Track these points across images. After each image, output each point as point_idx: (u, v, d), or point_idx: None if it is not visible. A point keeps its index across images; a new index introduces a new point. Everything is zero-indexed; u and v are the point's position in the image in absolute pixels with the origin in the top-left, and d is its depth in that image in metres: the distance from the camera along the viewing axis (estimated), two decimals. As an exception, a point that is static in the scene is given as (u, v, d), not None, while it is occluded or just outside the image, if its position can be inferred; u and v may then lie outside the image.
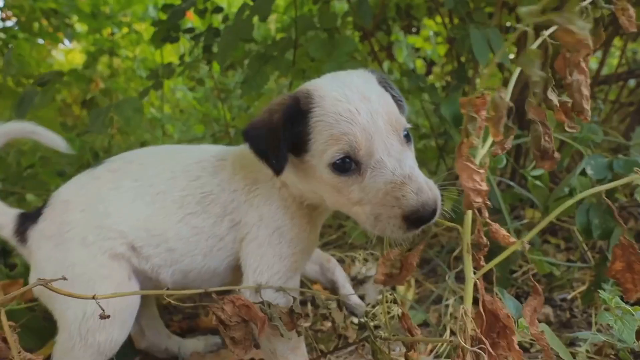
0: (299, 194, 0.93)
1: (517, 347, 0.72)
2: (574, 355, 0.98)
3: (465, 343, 0.70)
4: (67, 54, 3.79)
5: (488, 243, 0.77)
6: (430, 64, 3.06)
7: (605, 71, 2.33)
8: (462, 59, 2.06)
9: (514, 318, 0.88)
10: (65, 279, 0.72)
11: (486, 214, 0.74)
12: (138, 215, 0.93)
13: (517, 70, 0.78)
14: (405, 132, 0.84)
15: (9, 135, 1.00)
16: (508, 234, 0.75)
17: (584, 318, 1.25)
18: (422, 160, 2.29)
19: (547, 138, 0.93)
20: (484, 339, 0.71)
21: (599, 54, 2.41)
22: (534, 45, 0.77)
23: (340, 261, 1.72)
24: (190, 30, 1.84)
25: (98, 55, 3.01)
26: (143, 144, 2.51)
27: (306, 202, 0.93)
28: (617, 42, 2.34)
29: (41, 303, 0.95)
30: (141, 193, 0.94)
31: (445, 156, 2.17)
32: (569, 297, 1.35)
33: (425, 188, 0.77)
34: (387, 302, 1.06)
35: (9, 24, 2.71)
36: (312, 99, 0.83)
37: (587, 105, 0.76)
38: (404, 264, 0.85)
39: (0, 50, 2.56)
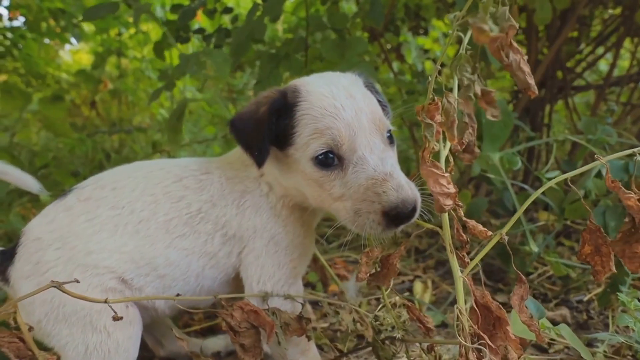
0: (282, 193, 0.92)
1: (512, 336, 0.72)
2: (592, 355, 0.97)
3: (465, 341, 0.71)
4: (74, 54, 3.80)
5: (468, 240, 0.78)
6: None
7: (616, 73, 2.31)
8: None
9: (535, 318, 0.89)
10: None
11: (461, 213, 0.76)
12: (123, 248, 0.88)
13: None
14: (389, 134, 0.85)
15: None
16: (485, 229, 0.77)
17: (601, 320, 1.24)
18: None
19: (470, 131, 1.01)
20: (482, 334, 0.72)
21: (609, 55, 2.40)
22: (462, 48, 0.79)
23: (356, 262, 1.72)
24: (201, 30, 1.84)
25: (106, 55, 3.02)
26: (155, 145, 2.51)
27: (292, 201, 0.92)
28: (627, 44, 2.32)
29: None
30: (122, 222, 0.89)
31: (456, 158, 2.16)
32: (585, 299, 1.34)
33: (406, 186, 0.78)
34: (398, 305, 1.06)
35: (15, 23, 2.72)
36: (299, 93, 0.84)
37: (531, 80, 0.77)
38: (386, 264, 0.86)
39: (9, 50, 2.57)
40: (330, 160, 0.80)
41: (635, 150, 0.73)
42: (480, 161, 1.44)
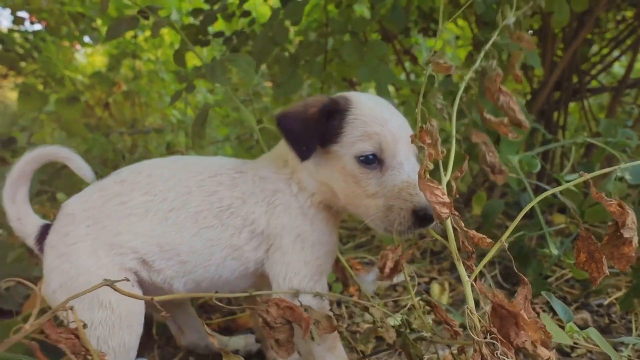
0: (312, 190, 0.98)
1: (528, 320, 0.74)
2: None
3: (478, 337, 0.74)
4: (89, 56, 3.86)
5: (474, 250, 0.83)
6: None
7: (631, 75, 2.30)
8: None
9: (563, 321, 0.89)
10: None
11: (461, 223, 0.83)
12: (150, 232, 0.93)
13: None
14: (416, 153, 0.94)
15: (46, 158, 1.02)
16: (484, 237, 0.82)
17: (623, 324, 1.24)
18: (444, 164, 2.28)
19: (490, 154, 1.22)
20: (491, 328, 0.75)
21: (623, 58, 2.39)
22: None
23: (371, 264, 1.73)
24: (220, 34, 1.86)
25: (121, 58, 3.07)
26: (169, 145, 2.54)
27: (320, 199, 0.98)
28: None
29: None
30: (153, 208, 0.94)
31: (470, 162, 2.16)
32: (606, 302, 1.34)
33: None
34: (420, 306, 1.06)
35: (31, 26, 2.77)
36: (350, 101, 0.95)
37: (521, 117, 0.96)
38: (397, 263, 0.92)
39: (29, 53, 2.62)
40: (371, 161, 0.91)
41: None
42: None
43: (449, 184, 0.88)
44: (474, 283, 0.79)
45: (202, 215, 0.95)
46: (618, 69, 2.77)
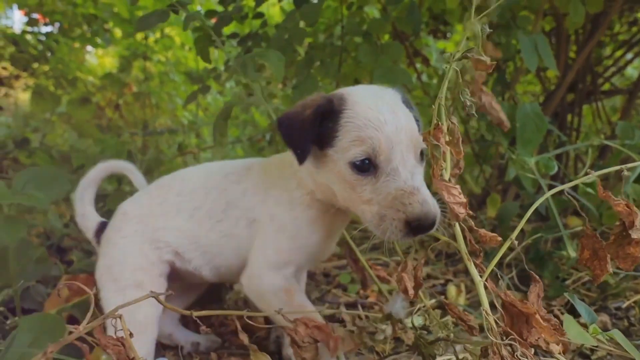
0: (312, 188, 0.99)
1: (543, 324, 0.75)
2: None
3: (495, 339, 0.75)
4: (100, 58, 3.89)
5: (482, 250, 0.84)
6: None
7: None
8: (499, 65, 2.05)
9: (587, 323, 0.89)
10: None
11: (471, 223, 0.82)
12: (181, 228, 1.08)
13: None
14: (420, 151, 0.91)
15: (114, 170, 1.25)
16: (495, 235, 0.82)
17: (643, 327, 1.23)
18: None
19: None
20: (510, 330, 0.75)
21: (637, 60, 2.38)
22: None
23: (385, 265, 1.73)
24: (234, 35, 1.87)
25: (132, 59, 3.09)
26: (180, 147, 2.56)
27: (318, 197, 1.00)
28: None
29: None
30: (183, 208, 1.09)
31: (483, 164, 2.16)
32: (624, 305, 1.33)
33: (430, 202, 0.84)
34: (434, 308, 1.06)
35: (43, 28, 2.80)
36: (345, 101, 0.90)
37: (503, 116, 0.94)
38: (416, 278, 0.91)
39: (42, 54, 2.64)
40: (366, 166, 0.86)
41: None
42: (516, 165, 1.45)
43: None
44: (486, 283, 0.78)
45: (214, 211, 1.06)
46: (631, 71, 2.75)
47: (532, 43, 1.51)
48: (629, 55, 2.22)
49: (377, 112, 0.87)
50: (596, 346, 1.08)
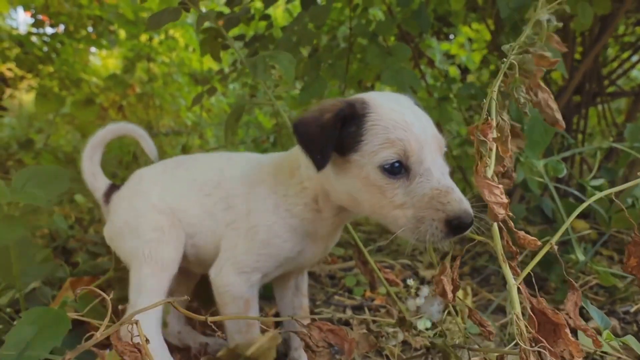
0: (320, 195, 0.98)
1: (571, 338, 0.73)
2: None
3: (525, 345, 0.72)
4: (104, 59, 3.89)
5: (518, 250, 0.81)
6: (464, 71, 3.05)
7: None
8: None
9: (600, 328, 0.88)
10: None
11: (511, 224, 0.79)
12: (178, 194, 1.13)
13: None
14: (443, 153, 0.90)
15: (122, 132, 1.28)
16: (535, 239, 0.79)
17: (652, 332, 1.22)
18: (461, 168, 2.28)
19: (509, 159, 1.11)
20: (540, 338, 0.72)
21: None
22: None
23: (390, 267, 1.72)
24: (241, 37, 1.87)
25: (136, 60, 3.09)
26: (184, 148, 2.55)
27: (324, 204, 0.99)
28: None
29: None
30: (185, 179, 1.15)
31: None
32: (632, 309, 1.32)
33: (465, 200, 0.82)
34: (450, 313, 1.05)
35: (49, 29, 2.80)
36: (368, 105, 0.88)
37: (559, 116, 0.87)
38: (454, 281, 0.88)
39: (48, 55, 2.64)
40: (397, 169, 0.84)
41: None
42: (524, 168, 1.44)
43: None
44: (520, 287, 0.76)
45: (207, 185, 1.11)
46: (636, 73, 2.75)
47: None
48: (635, 58, 2.21)
49: (402, 114, 0.86)
50: (605, 352, 1.07)
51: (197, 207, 1.10)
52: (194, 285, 1.35)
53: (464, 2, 1.84)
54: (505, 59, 0.88)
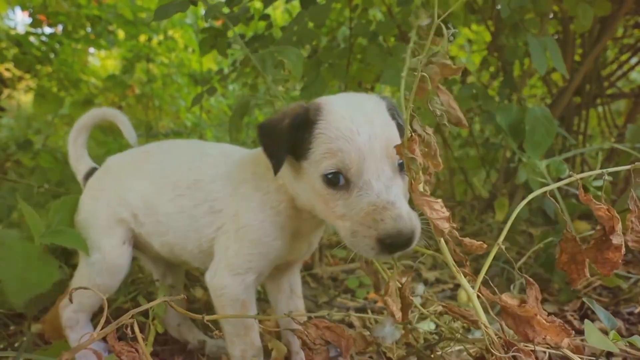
0: (293, 196, 0.97)
1: (546, 324, 0.75)
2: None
3: (499, 353, 0.74)
4: (102, 60, 3.88)
5: (467, 258, 0.82)
6: (464, 72, 3.04)
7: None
8: (506, 67, 2.04)
9: (607, 329, 0.87)
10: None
11: (456, 233, 0.79)
12: (142, 191, 1.10)
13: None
14: (401, 161, 0.85)
15: (103, 117, 1.28)
16: (481, 243, 0.80)
17: (656, 333, 1.21)
18: (462, 169, 2.27)
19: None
20: (513, 342, 0.75)
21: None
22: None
23: (391, 269, 1.71)
24: (241, 37, 1.86)
25: (135, 61, 3.08)
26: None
27: (297, 206, 0.97)
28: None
29: None
30: (152, 175, 1.11)
31: (489, 167, 2.15)
32: (637, 310, 1.31)
33: (405, 217, 0.79)
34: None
35: (48, 29, 2.79)
36: (320, 112, 0.86)
37: (460, 115, 0.87)
38: (402, 298, 0.90)
39: (46, 56, 2.63)
40: (337, 180, 0.83)
41: None
42: (527, 169, 1.43)
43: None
44: (480, 292, 0.77)
45: (179, 185, 1.07)
46: (635, 75, 2.75)
47: (541, 46, 1.51)
48: (634, 60, 2.21)
49: (349, 122, 0.83)
50: (610, 353, 1.06)
51: (169, 206, 1.07)
52: (183, 274, 1.37)
53: (463, 3, 1.84)
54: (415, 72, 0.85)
